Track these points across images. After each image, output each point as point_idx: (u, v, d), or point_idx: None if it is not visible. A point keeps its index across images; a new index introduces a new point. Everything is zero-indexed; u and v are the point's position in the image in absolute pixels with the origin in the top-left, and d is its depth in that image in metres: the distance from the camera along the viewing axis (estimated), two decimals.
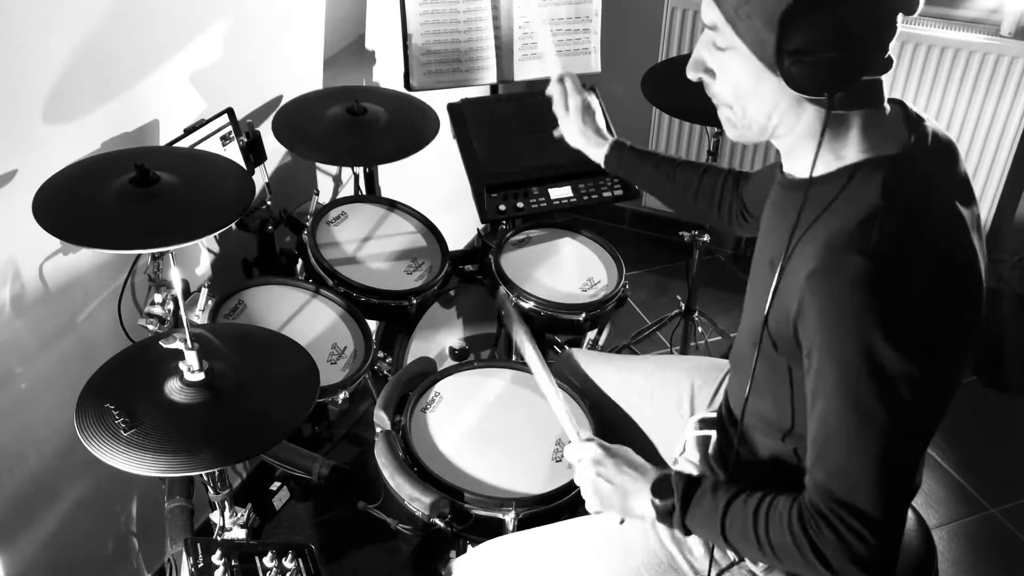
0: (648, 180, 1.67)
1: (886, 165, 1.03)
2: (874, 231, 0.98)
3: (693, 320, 2.63)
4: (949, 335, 1.03)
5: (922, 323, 0.99)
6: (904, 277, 0.98)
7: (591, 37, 2.24)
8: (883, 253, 0.97)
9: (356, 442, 2.27)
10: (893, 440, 1.00)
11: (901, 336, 0.97)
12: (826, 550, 1.03)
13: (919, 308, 0.98)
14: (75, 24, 1.46)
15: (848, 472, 1.02)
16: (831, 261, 0.99)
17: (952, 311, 1.03)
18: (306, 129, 1.90)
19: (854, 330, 0.97)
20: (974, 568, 2.17)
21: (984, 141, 2.74)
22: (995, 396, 2.67)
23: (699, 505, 1.14)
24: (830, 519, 1.02)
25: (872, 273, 0.96)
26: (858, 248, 0.97)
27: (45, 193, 1.37)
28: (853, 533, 1.01)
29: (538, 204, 2.01)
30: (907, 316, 0.98)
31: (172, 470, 1.18)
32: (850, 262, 0.97)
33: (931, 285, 1.00)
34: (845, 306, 0.98)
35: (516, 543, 1.34)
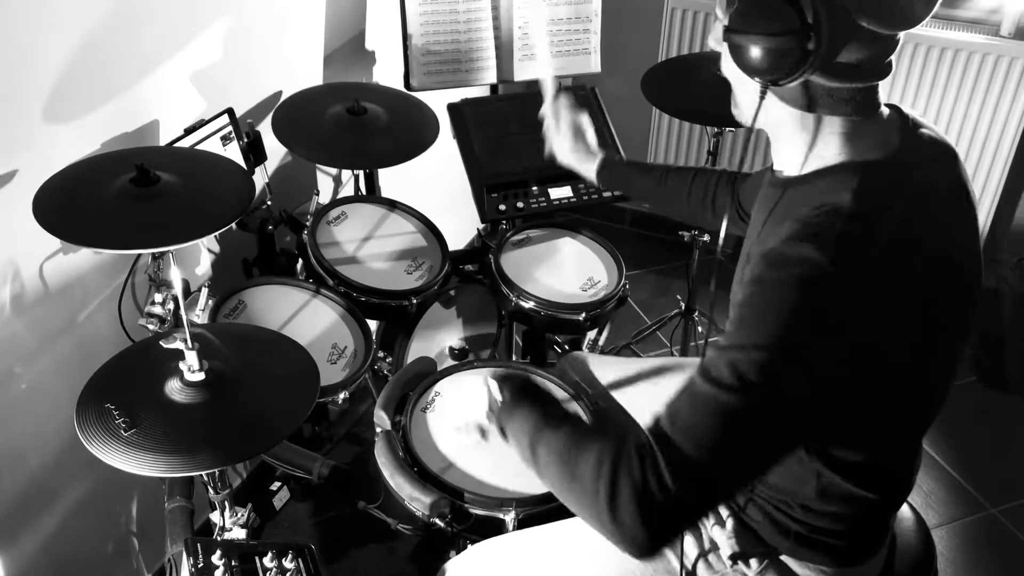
0: (642, 190, 1.69)
1: (864, 169, 1.03)
2: (836, 228, 0.97)
3: (693, 320, 2.63)
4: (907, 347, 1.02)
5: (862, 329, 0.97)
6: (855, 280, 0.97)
7: (591, 37, 2.24)
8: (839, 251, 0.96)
9: (356, 442, 2.27)
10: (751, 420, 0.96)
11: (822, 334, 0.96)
12: (621, 479, 0.97)
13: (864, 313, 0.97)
14: (75, 24, 1.46)
15: (690, 421, 0.97)
16: (785, 246, 0.98)
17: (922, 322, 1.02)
18: (306, 129, 1.90)
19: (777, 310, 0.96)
20: (974, 568, 2.17)
21: (984, 141, 2.74)
22: (995, 396, 2.67)
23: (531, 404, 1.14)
24: (644, 450, 0.98)
25: (819, 265, 0.95)
26: (813, 237, 0.97)
27: (45, 193, 1.37)
28: (655, 468, 0.96)
29: (538, 204, 2.01)
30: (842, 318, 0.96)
31: (172, 470, 1.18)
32: (802, 250, 0.96)
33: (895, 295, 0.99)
34: (779, 285, 0.96)
35: (512, 542, 1.34)
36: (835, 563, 1.19)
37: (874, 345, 0.99)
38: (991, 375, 2.69)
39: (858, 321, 0.97)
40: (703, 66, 2.22)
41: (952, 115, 2.73)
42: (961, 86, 2.69)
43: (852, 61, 1.00)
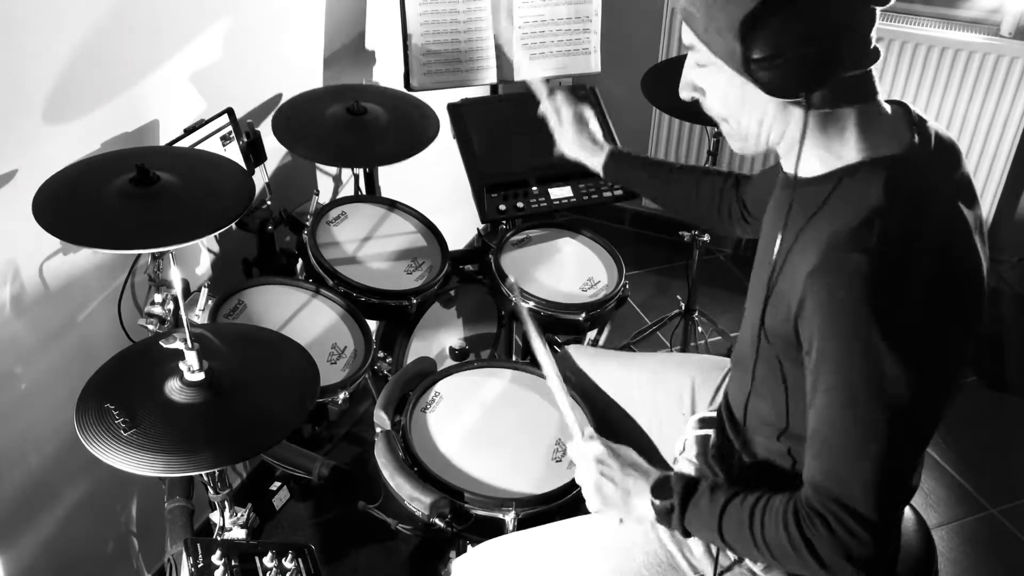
0: (646, 186, 1.68)
1: (888, 165, 1.03)
2: (875, 230, 0.98)
3: (693, 320, 2.63)
4: (948, 336, 1.03)
5: (921, 324, 0.99)
6: (904, 277, 0.98)
7: (591, 37, 2.24)
8: (883, 253, 0.97)
9: (356, 442, 2.27)
10: (890, 441, 1.00)
11: (900, 337, 0.97)
12: (820, 547, 1.03)
13: (919, 309, 0.98)
14: (75, 24, 1.46)
15: (844, 471, 1.02)
16: (832, 260, 0.99)
17: (952, 313, 1.03)
18: (306, 129, 1.90)
19: (853, 329, 0.97)
20: (974, 568, 2.17)
21: (984, 141, 2.74)
22: (995, 396, 2.67)
23: (697, 506, 1.14)
24: (825, 516, 1.02)
25: (872, 272, 0.96)
26: (859, 247, 0.98)
27: (45, 193, 1.37)
28: (847, 530, 1.01)
29: (538, 204, 2.01)
30: (906, 317, 0.98)
31: (172, 470, 1.18)
32: (851, 261, 0.97)
33: (931, 286, 1.00)
34: (845, 305, 0.98)
35: (516, 543, 1.34)
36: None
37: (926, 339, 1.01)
38: (991, 375, 2.69)
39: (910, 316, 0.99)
40: None
41: (952, 115, 2.73)
42: (961, 86, 2.69)
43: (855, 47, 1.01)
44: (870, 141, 1.05)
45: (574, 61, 2.24)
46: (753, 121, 1.09)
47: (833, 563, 1.03)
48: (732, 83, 1.06)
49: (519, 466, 1.45)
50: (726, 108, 1.10)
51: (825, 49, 0.98)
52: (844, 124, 1.05)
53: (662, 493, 1.17)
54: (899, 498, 1.08)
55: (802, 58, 0.98)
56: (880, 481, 1.01)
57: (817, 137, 1.06)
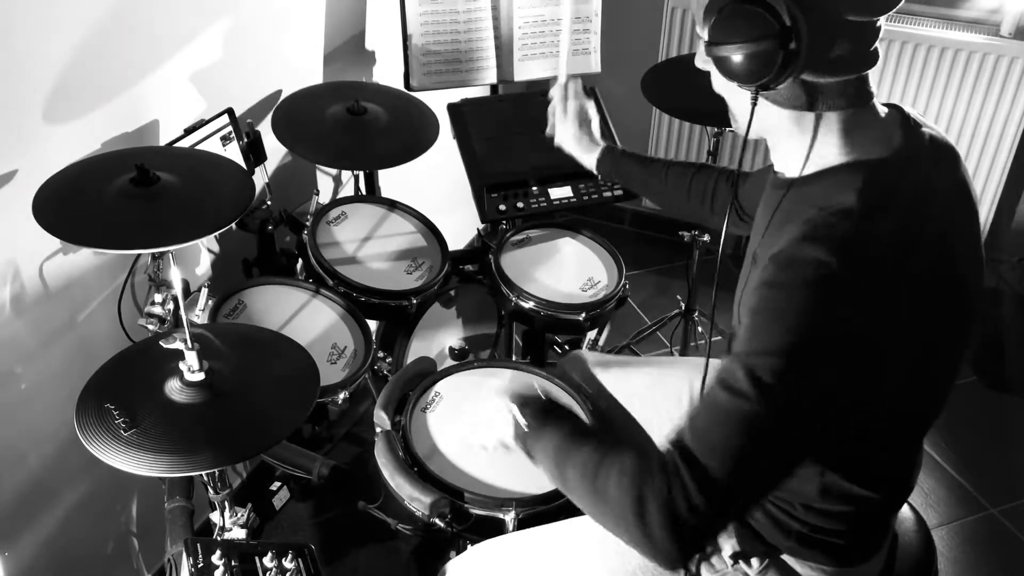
0: (641, 183, 1.69)
1: (869, 168, 1.03)
2: (844, 229, 0.98)
3: (693, 320, 2.63)
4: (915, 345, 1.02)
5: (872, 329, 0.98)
6: (864, 280, 0.97)
7: (591, 37, 2.24)
8: (847, 252, 0.96)
9: (356, 442, 2.27)
10: (772, 427, 0.97)
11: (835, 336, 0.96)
12: (648, 496, 0.98)
13: (874, 314, 0.98)
14: (75, 24, 1.46)
15: (710, 435, 0.98)
16: (795, 249, 0.99)
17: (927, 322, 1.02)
18: (306, 129, 1.90)
19: (789, 314, 0.96)
20: (974, 568, 2.17)
21: (984, 141, 2.74)
22: (995, 396, 2.67)
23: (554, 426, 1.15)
24: (668, 467, 0.98)
25: (830, 267, 0.95)
26: (820, 240, 0.97)
27: (45, 193, 1.37)
28: (681, 486, 0.96)
29: (538, 204, 2.01)
30: (853, 318, 0.97)
31: (172, 470, 1.18)
32: (807, 250, 0.97)
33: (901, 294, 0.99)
34: (790, 288, 0.97)
35: (513, 543, 1.34)
36: (836, 562, 1.19)
37: (881, 345, 0.99)
38: (991, 375, 2.69)
39: (867, 320, 0.98)
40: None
41: (952, 115, 2.73)
42: (961, 86, 2.69)
43: (841, 54, 1.01)
44: (853, 144, 1.05)
45: (574, 61, 2.24)
46: (737, 105, 1.11)
47: (655, 523, 0.97)
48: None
49: (519, 466, 1.45)
50: (720, 87, 1.12)
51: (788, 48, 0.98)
52: (831, 126, 1.05)
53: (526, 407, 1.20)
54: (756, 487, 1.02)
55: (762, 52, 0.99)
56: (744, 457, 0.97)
57: (799, 136, 1.07)
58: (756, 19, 0.98)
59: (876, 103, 1.07)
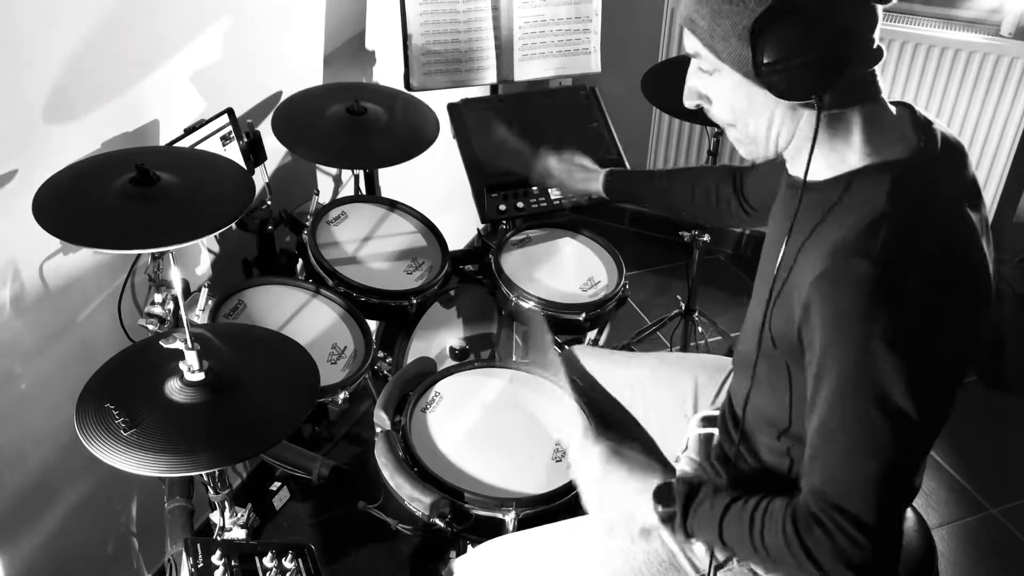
0: (648, 198, 1.73)
1: (893, 170, 1.03)
2: (880, 236, 0.98)
3: (693, 320, 2.63)
4: (951, 342, 1.02)
5: (926, 330, 0.99)
6: (907, 284, 0.97)
7: (591, 37, 2.24)
8: (887, 259, 0.97)
9: (356, 442, 2.27)
10: (891, 448, 1.00)
11: (905, 343, 0.97)
12: (819, 554, 1.02)
13: (920, 315, 0.98)
14: (75, 23, 1.46)
15: (844, 477, 1.02)
16: (837, 266, 0.99)
17: (955, 318, 1.03)
18: (306, 129, 1.90)
19: (858, 336, 0.97)
20: (974, 568, 2.17)
21: (984, 141, 2.74)
22: (995, 396, 2.67)
23: (698, 511, 1.14)
24: (824, 522, 1.02)
25: (877, 278, 0.96)
26: (863, 253, 0.97)
27: (45, 193, 1.37)
28: (846, 536, 1.01)
29: (538, 204, 2.01)
30: (908, 324, 0.97)
31: (172, 470, 1.18)
32: (855, 267, 0.97)
33: (936, 291, 0.99)
34: (850, 311, 0.98)
35: (516, 543, 1.34)
36: None
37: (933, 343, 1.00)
38: (991, 375, 2.69)
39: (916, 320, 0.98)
40: None
41: (952, 115, 2.73)
42: (961, 86, 2.69)
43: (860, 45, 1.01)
44: (875, 144, 1.05)
45: (574, 61, 2.24)
46: (762, 125, 1.09)
47: (832, 569, 1.02)
48: (738, 88, 1.06)
49: (519, 466, 1.45)
50: (733, 114, 1.10)
51: (834, 50, 0.98)
52: (850, 126, 1.05)
53: (664, 499, 1.17)
54: (900, 504, 1.08)
55: (812, 60, 0.98)
56: (880, 487, 1.00)
57: (824, 139, 1.06)
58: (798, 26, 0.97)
59: (885, 100, 1.07)
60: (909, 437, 1.01)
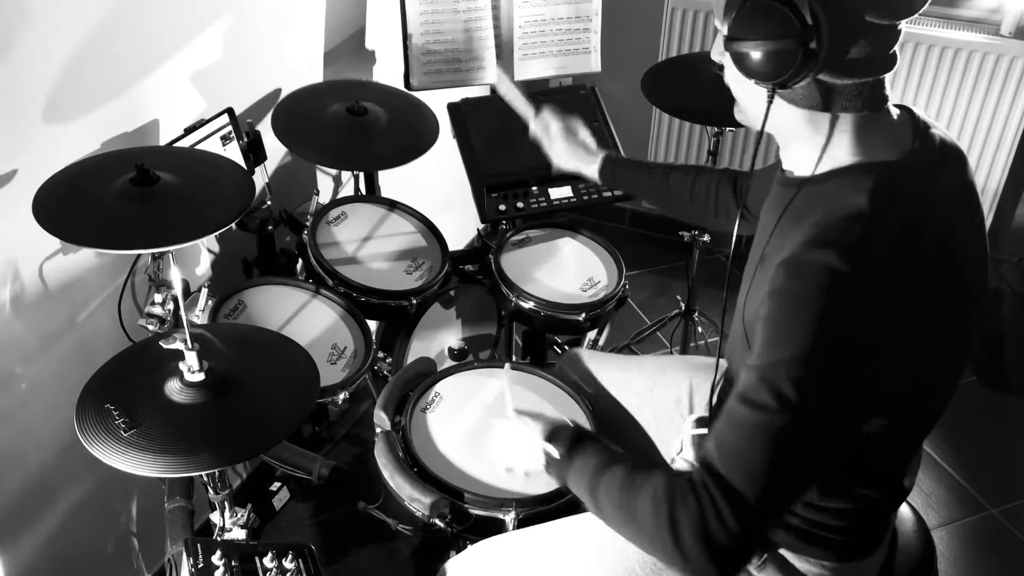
0: (643, 189, 1.70)
1: (879, 171, 1.03)
2: (855, 232, 0.98)
3: (693, 320, 2.63)
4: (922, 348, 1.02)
5: (883, 331, 0.98)
6: (875, 283, 0.97)
7: (591, 37, 2.24)
8: (858, 255, 0.96)
9: (356, 442, 2.27)
10: (798, 438, 0.98)
11: (850, 340, 0.96)
12: (682, 520, 0.99)
13: (884, 316, 0.97)
14: (75, 24, 1.46)
15: (738, 452, 0.98)
16: (806, 255, 0.98)
17: (934, 324, 1.02)
18: (306, 129, 1.90)
19: (803, 322, 0.96)
20: (974, 568, 2.17)
21: (984, 141, 2.74)
22: (995, 396, 2.67)
23: (580, 457, 1.15)
24: (699, 490, 0.99)
25: (838, 272, 0.95)
26: (832, 244, 0.97)
27: (45, 193, 1.37)
28: (715, 511, 0.97)
29: (538, 204, 2.01)
30: (866, 322, 0.97)
31: (172, 470, 1.18)
32: (821, 255, 0.97)
33: (910, 297, 0.99)
34: (803, 296, 0.97)
35: (511, 542, 1.34)
36: (836, 558, 1.19)
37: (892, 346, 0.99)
38: (991, 375, 2.69)
39: (878, 323, 0.98)
40: (703, 66, 2.22)
41: (952, 115, 2.73)
42: (961, 86, 2.69)
43: (859, 56, 1.00)
44: (865, 145, 1.05)
45: (574, 61, 2.24)
46: (749, 98, 1.10)
47: (689, 542, 0.98)
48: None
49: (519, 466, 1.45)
50: (731, 78, 1.11)
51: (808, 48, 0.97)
52: (843, 128, 1.05)
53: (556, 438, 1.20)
54: (783, 500, 1.03)
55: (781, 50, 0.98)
56: (772, 472, 0.97)
57: (812, 137, 1.07)
58: (777, 16, 0.97)
59: (890, 106, 1.07)
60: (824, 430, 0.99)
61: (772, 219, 1.12)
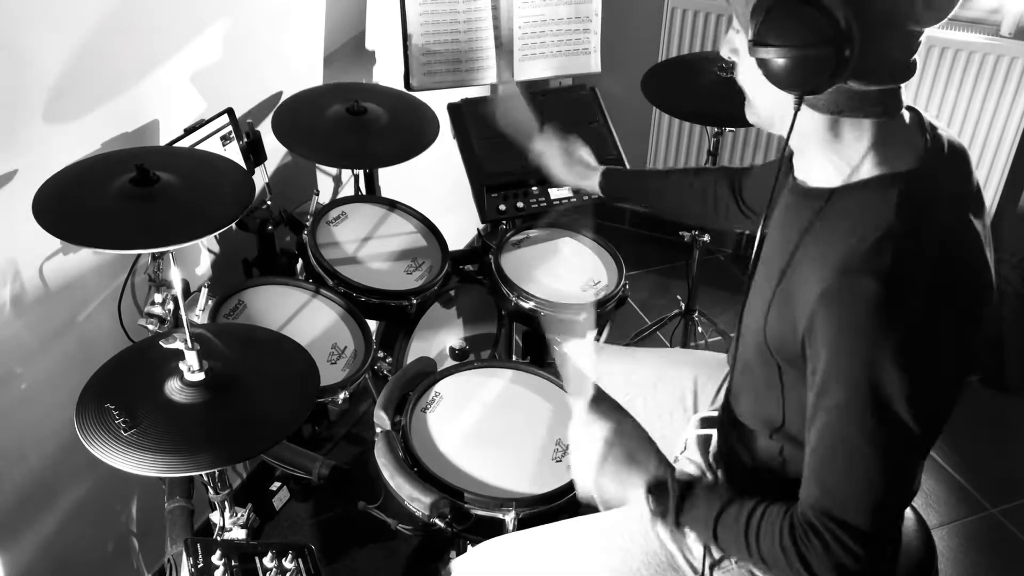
0: (643, 197, 1.71)
1: (901, 180, 1.02)
2: (888, 251, 0.97)
3: (693, 320, 2.63)
4: (956, 352, 1.02)
5: (930, 345, 0.99)
6: (916, 298, 0.97)
7: (591, 37, 2.24)
8: (896, 275, 0.96)
9: (356, 442, 2.27)
10: (892, 459, 1.00)
11: (910, 359, 0.97)
12: (814, 562, 1.03)
13: (927, 330, 0.98)
14: (75, 24, 1.46)
15: (843, 489, 1.02)
16: (844, 282, 0.98)
17: (960, 327, 1.02)
18: (306, 129, 1.90)
19: (863, 354, 0.97)
20: (974, 568, 2.17)
21: (984, 141, 2.74)
22: (995, 396, 2.67)
23: (693, 509, 1.14)
24: (821, 532, 1.02)
25: (885, 296, 0.96)
26: (871, 271, 0.97)
27: (45, 193, 1.37)
28: (842, 546, 1.01)
29: (538, 204, 2.01)
30: (916, 339, 0.97)
31: (172, 470, 1.18)
32: (863, 285, 0.97)
33: (941, 305, 0.99)
34: (855, 329, 0.97)
35: (515, 543, 1.34)
36: None
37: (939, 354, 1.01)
38: (991, 375, 2.69)
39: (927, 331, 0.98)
40: (703, 66, 2.22)
41: (952, 115, 2.73)
42: (961, 86, 2.69)
43: (887, 62, 0.99)
44: (885, 154, 1.03)
45: (574, 61, 2.24)
46: (766, 103, 1.07)
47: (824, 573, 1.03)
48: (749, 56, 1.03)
49: (520, 466, 1.45)
50: (746, 81, 1.09)
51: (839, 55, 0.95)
52: (861, 134, 1.04)
53: (659, 495, 1.17)
54: (897, 515, 1.08)
55: (812, 57, 0.96)
56: (877, 498, 1.01)
57: (831, 143, 1.05)
58: (810, 21, 0.94)
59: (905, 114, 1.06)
60: (909, 450, 1.02)
61: (788, 231, 1.10)
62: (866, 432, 0.99)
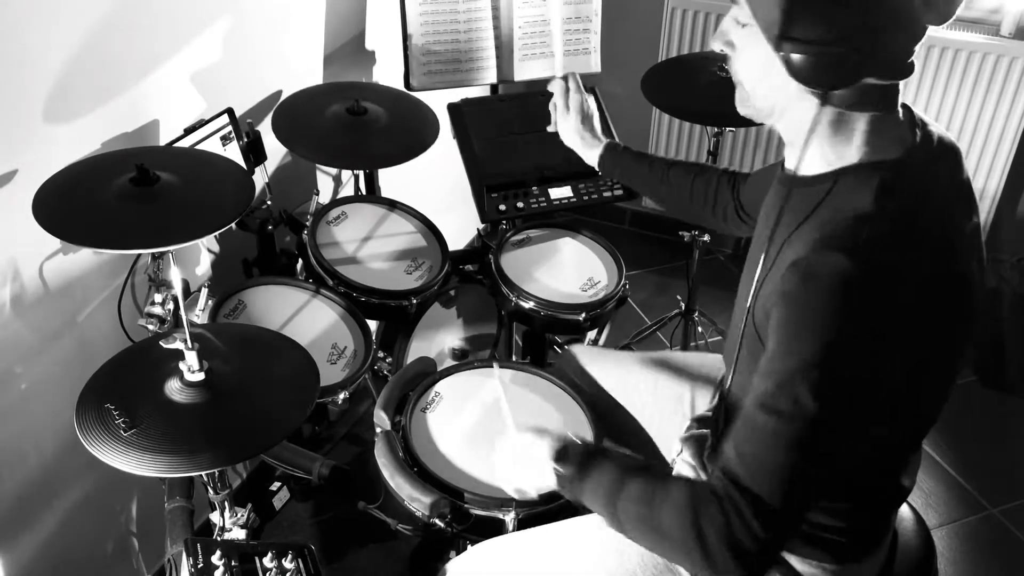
0: (642, 182, 1.70)
1: (884, 169, 1.03)
2: (863, 233, 0.97)
3: (693, 320, 2.63)
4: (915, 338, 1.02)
5: (891, 331, 0.98)
6: (884, 284, 0.97)
7: (591, 37, 2.24)
8: (866, 256, 0.96)
9: (356, 442, 2.27)
10: (819, 442, 0.98)
11: (863, 342, 0.96)
12: (708, 530, 1.00)
13: (893, 316, 0.98)
14: (75, 24, 1.46)
15: (760, 460, 0.99)
16: (815, 257, 0.98)
17: (934, 322, 1.02)
18: (306, 129, 1.90)
19: (812, 323, 0.96)
20: (974, 568, 2.17)
21: (984, 141, 2.74)
22: (995, 396, 2.67)
23: (594, 475, 1.14)
24: (723, 500, 1.00)
25: (851, 274, 0.95)
26: (842, 247, 0.97)
27: (45, 193, 1.37)
28: (741, 520, 0.98)
29: (538, 204, 2.01)
30: (876, 323, 0.97)
31: (172, 470, 1.18)
32: (831, 258, 0.97)
33: (913, 295, 0.99)
34: (815, 300, 0.97)
35: (512, 543, 1.34)
36: (836, 560, 1.19)
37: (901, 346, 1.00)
38: (991, 375, 2.69)
39: (889, 323, 0.98)
40: (703, 66, 2.22)
41: (952, 115, 2.73)
42: (961, 86, 2.69)
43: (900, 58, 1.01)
44: (873, 144, 1.04)
45: (574, 61, 2.24)
46: (769, 98, 1.08)
47: (716, 550, 1.00)
48: (760, 52, 1.03)
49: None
50: (746, 73, 1.09)
51: (862, 52, 0.96)
52: (855, 127, 1.04)
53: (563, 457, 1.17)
54: (805, 503, 1.04)
55: (837, 54, 0.96)
56: (792, 479, 0.98)
57: (826, 135, 1.06)
58: (841, 17, 0.94)
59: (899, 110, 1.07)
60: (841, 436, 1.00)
61: (772, 216, 1.11)
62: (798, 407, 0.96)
